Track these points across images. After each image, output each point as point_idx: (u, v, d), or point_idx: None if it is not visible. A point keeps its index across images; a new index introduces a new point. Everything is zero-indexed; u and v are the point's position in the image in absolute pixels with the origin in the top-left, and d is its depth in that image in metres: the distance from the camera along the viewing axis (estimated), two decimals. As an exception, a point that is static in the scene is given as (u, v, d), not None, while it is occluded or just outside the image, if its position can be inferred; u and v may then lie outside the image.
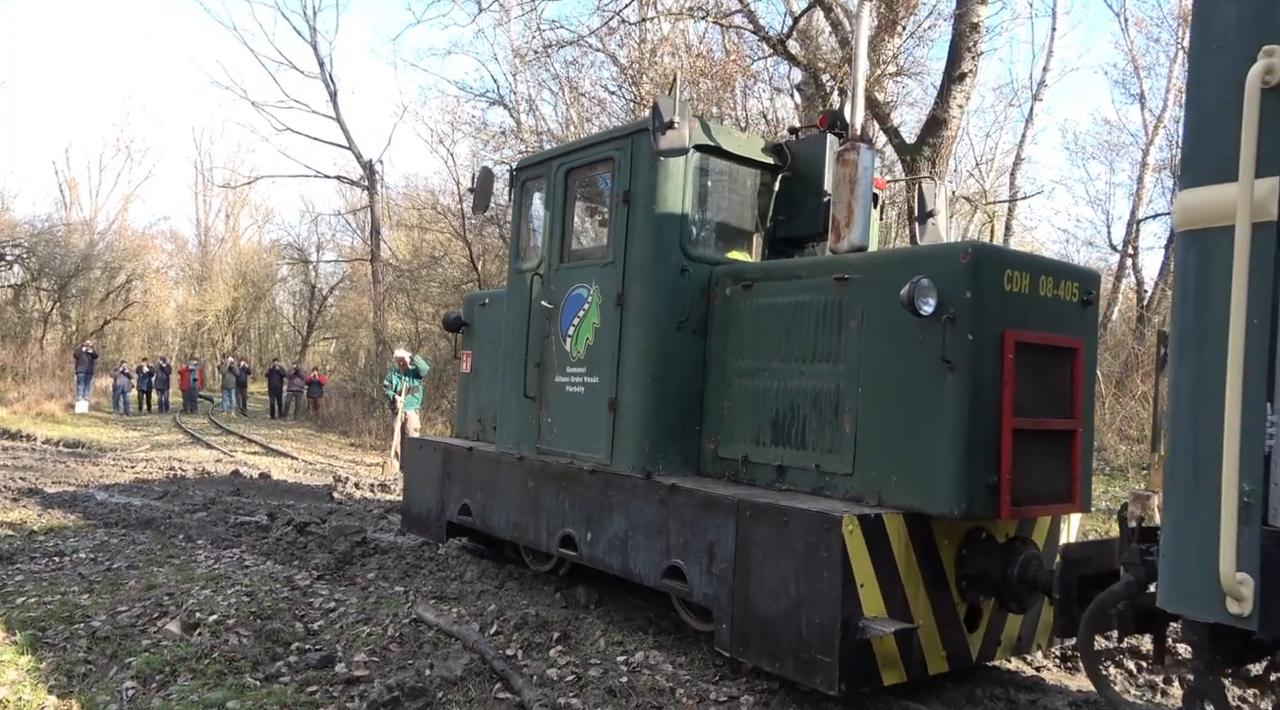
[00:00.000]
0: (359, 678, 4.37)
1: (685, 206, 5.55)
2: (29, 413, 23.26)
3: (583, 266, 6.08)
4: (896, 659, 4.27)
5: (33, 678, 4.29)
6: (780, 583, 4.41)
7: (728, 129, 5.98)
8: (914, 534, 4.37)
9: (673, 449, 5.51)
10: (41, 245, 39.02)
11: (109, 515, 8.85)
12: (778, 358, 5.18)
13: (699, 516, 4.94)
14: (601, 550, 5.64)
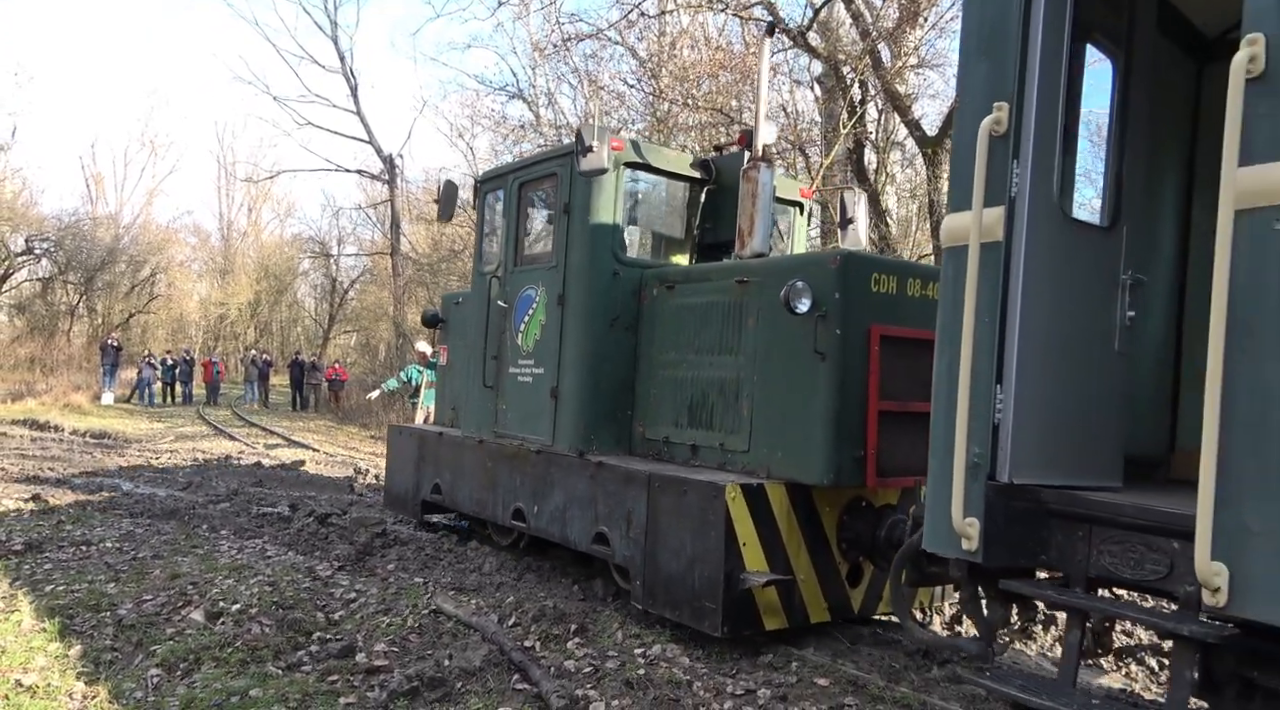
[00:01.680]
0: (379, 667, 4.43)
1: (617, 217, 6.21)
2: (57, 404, 23.55)
3: (532, 270, 6.77)
4: (778, 608, 4.94)
5: (61, 664, 4.37)
6: (680, 543, 5.09)
7: (658, 148, 6.89)
8: (796, 501, 5.01)
9: (606, 431, 6.18)
10: (69, 239, 39.57)
11: (134, 505, 8.96)
12: (693, 351, 5.83)
13: (620, 489, 5.61)
14: (545, 521, 6.35)
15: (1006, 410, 3.26)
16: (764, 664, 4.61)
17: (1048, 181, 3.35)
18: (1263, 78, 2.58)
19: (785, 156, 16.42)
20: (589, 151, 5.66)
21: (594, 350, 6.14)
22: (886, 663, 4.62)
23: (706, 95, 16.57)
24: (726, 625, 4.71)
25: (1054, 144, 3.35)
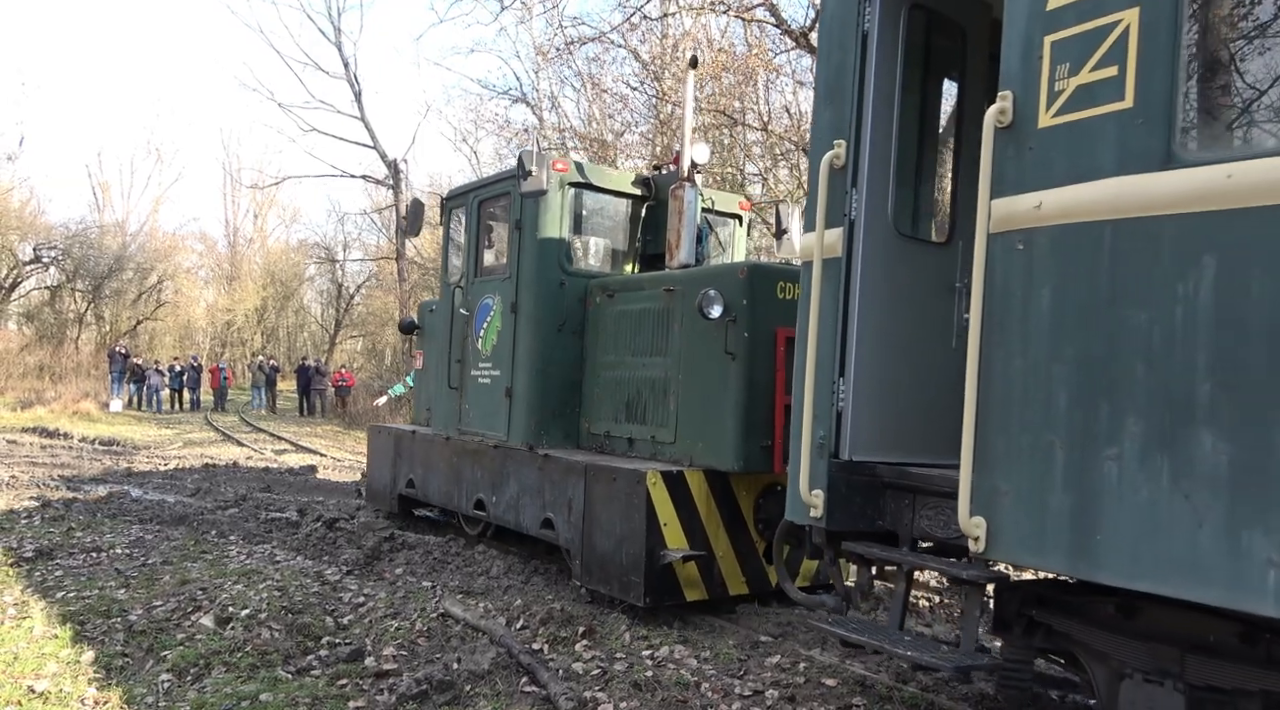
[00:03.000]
0: (388, 671, 4.48)
1: (563, 232, 6.93)
2: (65, 411, 23.94)
3: (490, 280, 7.50)
4: (698, 581, 5.60)
5: (73, 670, 4.42)
6: (611, 525, 5.73)
7: (601, 168, 7.60)
8: (714, 486, 5.65)
9: (555, 427, 6.88)
10: (76, 247, 39.84)
11: (144, 512, 9.10)
12: (629, 353, 6.50)
13: (562, 478, 6.28)
14: (503, 510, 7.04)
15: (847, 399, 3.87)
16: (772, 665, 4.69)
17: (883, 206, 3.97)
18: (1010, 128, 3.18)
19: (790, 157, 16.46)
20: (529, 175, 6.34)
21: (543, 353, 6.86)
22: (894, 663, 4.69)
23: (710, 97, 16.62)
24: (649, 596, 5.41)
25: (888, 174, 3.97)
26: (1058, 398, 2.94)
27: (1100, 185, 2.87)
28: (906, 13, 4.00)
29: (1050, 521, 2.93)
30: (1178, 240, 2.67)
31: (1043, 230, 3.05)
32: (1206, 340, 2.60)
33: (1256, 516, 2.43)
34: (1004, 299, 3.16)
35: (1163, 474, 2.65)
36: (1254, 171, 2.50)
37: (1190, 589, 2.60)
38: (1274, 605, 2.41)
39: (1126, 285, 2.79)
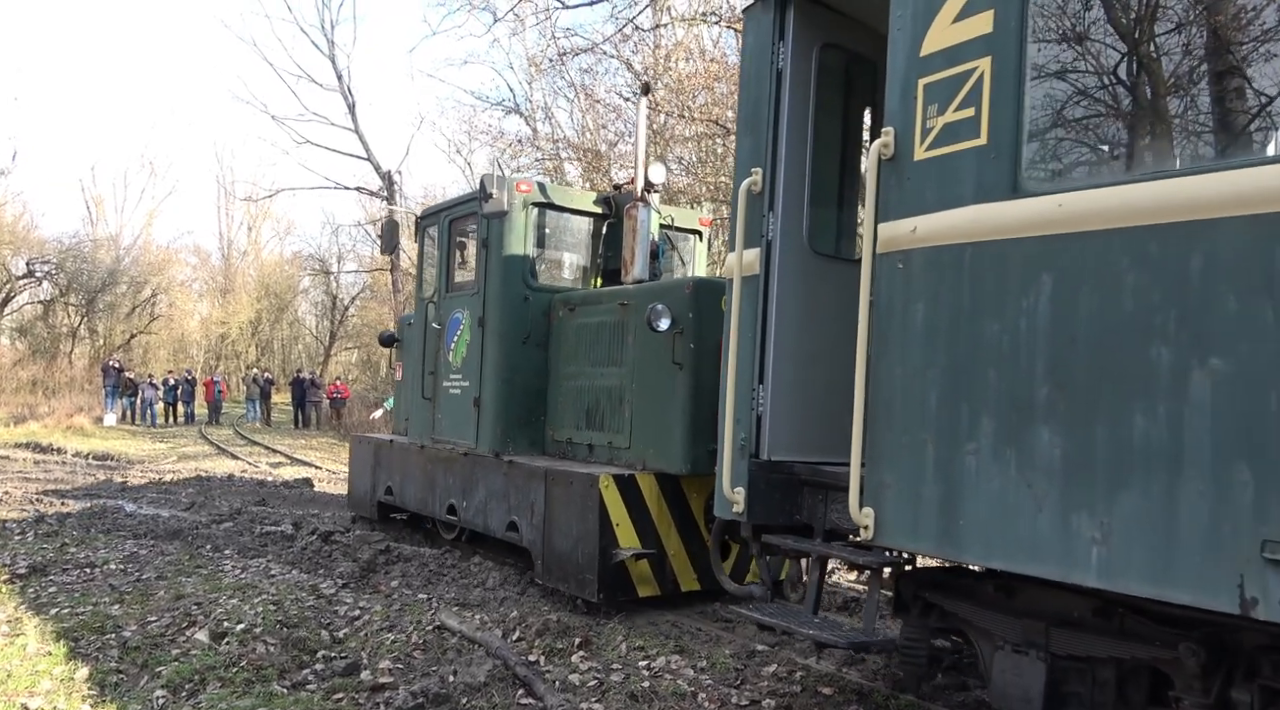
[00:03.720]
0: (384, 685, 4.48)
1: (527, 249, 7.33)
2: (59, 426, 24.15)
3: (460, 295, 7.90)
4: (650, 578, 5.96)
5: (67, 687, 4.40)
6: (568, 526, 6.10)
7: (563, 188, 8.07)
8: (665, 489, 6.01)
9: (521, 435, 7.26)
10: (69, 261, 39.85)
11: (138, 526, 9.10)
12: (589, 364, 6.90)
13: (526, 483, 6.68)
14: (472, 514, 7.44)
15: (766, 404, 4.25)
16: (768, 674, 4.72)
17: (798, 227, 4.35)
18: (893, 159, 3.54)
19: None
20: (490, 197, 6.72)
21: (508, 364, 7.25)
22: (891, 671, 4.78)
23: (702, 107, 16.71)
24: (602, 592, 5.79)
25: (803, 198, 4.34)
26: (929, 401, 3.33)
27: (961, 212, 3.27)
28: (818, 52, 4.42)
29: (923, 510, 3.32)
30: (1021, 261, 3.07)
31: (917, 252, 3.42)
32: (1044, 348, 2.98)
33: (1083, 501, 2.83)
34: (887, 313, 3.53)
35: (1010, 466, 3.05)
36: (1078, 201, 2.91)
37: (1033, 565, 3.00)
38: (1096, 577, 2.80)
39: (981, 300, 3.18)
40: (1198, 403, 2.58)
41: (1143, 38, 3.02)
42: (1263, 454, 2.43)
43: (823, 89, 4.44)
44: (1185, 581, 2.59)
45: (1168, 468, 2.63)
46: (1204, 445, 2.56)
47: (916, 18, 3.48)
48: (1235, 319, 2.52)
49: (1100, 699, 3.25)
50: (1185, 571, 2.59)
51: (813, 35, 4.42)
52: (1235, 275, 2.52)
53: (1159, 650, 3.04)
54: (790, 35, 4.33)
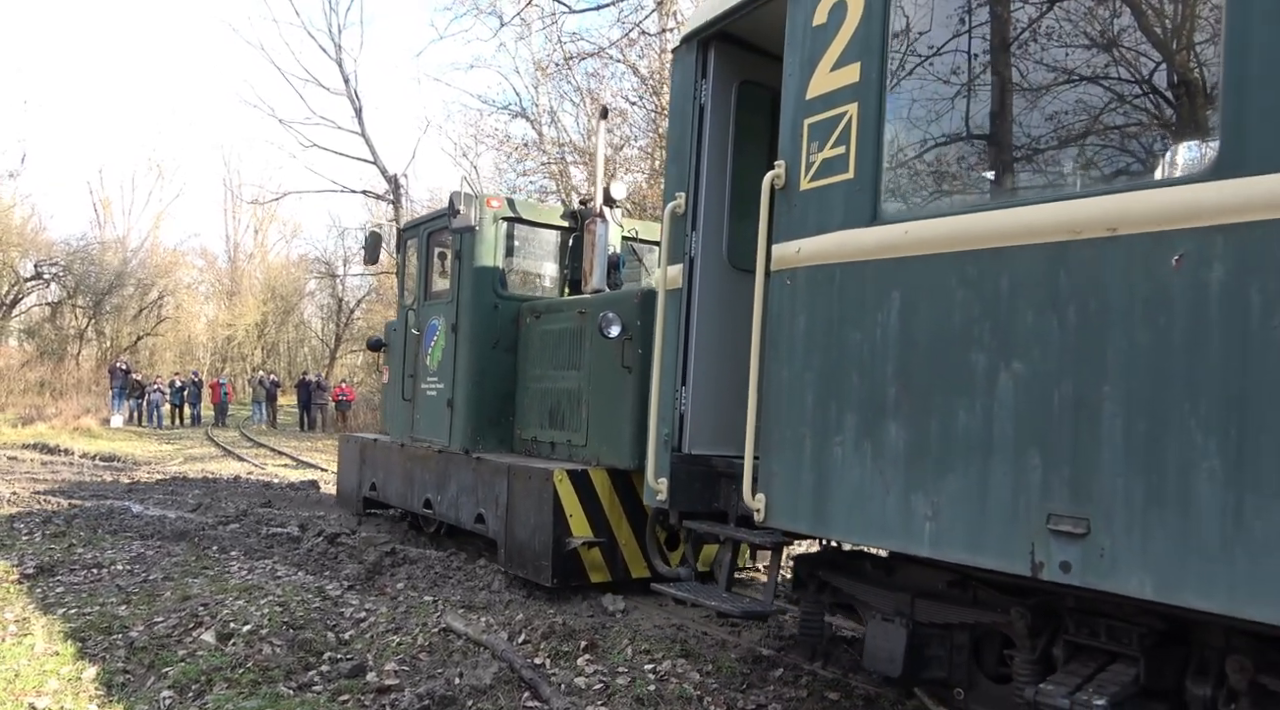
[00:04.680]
0: (390, 686, 4.51)
1: (497, 261, 7.93)
2: (66, 427, 24.60)
3: (437, 303, 8.51)
4: (602, 565, 6.48)
5: (74, 687, 4.44)
6: (527, 517, 6.66)
7: (532, 204, 8.76)
8: (617, 483, 6.52)
9: (491, 434, 7.85)
10: (77, 263, 40.09)
11: (144, 527, 9.19)
12: (551, 367, 7.45)
13: (492, 478, 7.24)
14: (446, 507, 8.04)
15: (687, 404, 4.75)
16: (775, 678, 4.77)
17: (718, 245, 4.84)
18: (784, 188, 4.02)
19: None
20: (458, 213, 7.33)
21: (478, 368, 7.82)
22: None
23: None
24: (556, 578, 6.31)
25: (723, 218, 4.84)
26: (808, 400, 3.84)
27: (833, 236, 3.78)
28: (737, 88, 4.92)
29: (801, 495, 3.84)
30: (877, 279, 3.58)
31: (801, 270, 3.93)
32: (893, 354, 3.49)
33: (919, 484, 3.34)
34: (776, 323, 4.04)
35: (867, 456, 3.56)
36: (920, 229, 3.43)
37: (882, 540, 3.53)
38: (928, 548, 3.32)
39: (847, 313, 3.69)
40: (1003, 399, 3.09)
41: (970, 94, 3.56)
42: (1048, 441, 2.95)
43: (744, 119, 4.92)
44: (992, 550, 3.10)
45: (981, 454, 3.15)
46: (1007, 435, 3.07)
47: (803, 66, 3.99)
48: (1031, 329, 3.03)
49: (957, 660, 3.79)
50: (992, 541, 3.09)
51: (732, 74, 4.91)
52: (1031, 293, 3.04)
53: (999, 616, 3.54)
54: (711, 74, 4.84)
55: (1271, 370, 2.45)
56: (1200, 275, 2.61)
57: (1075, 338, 2.90)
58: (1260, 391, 2.47)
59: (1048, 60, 3.22)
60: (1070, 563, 2.85)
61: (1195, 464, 2.59)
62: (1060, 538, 2.87)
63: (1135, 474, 2.72)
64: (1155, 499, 2.67)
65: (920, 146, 3.71)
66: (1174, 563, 2.62)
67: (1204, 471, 2.57)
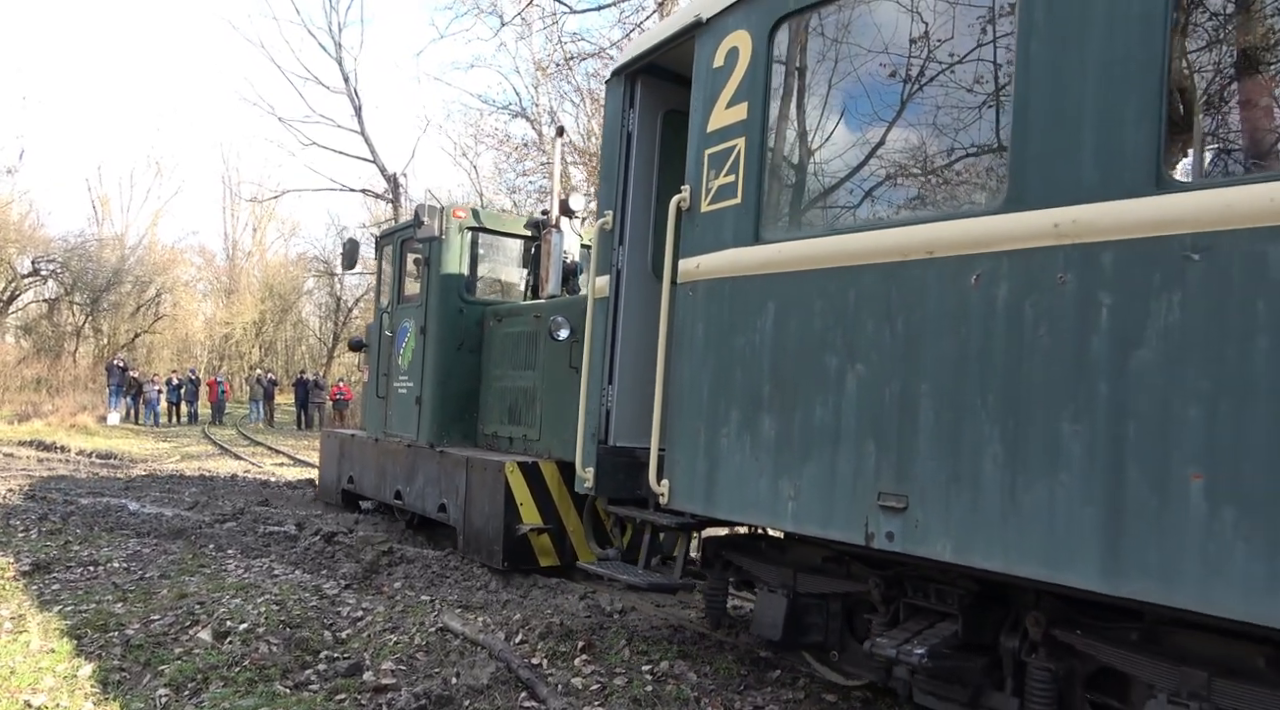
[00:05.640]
0: (386, 686, 4.52)
1: (462, 267, 8.55)
2: (63, 424, 24.78)
3: (408, 307, 9.16)
4: (551, 550, 7.05)
5: (69, 685, 4.44)
6: (482, 505, 7.26)
7: (496, 214, 9.36)
8: (566, 474, 6.95)
9: (455, 429, 8.46)
10: (75, 260, 39.93)
11: (141, 525, 9.18)
12: (511, 367, 8.05)
13: (453, 470, 7.82)
14: (413, 498, 8.63)
15: (613, 401, 5.23)
16: (772, 680, 4.83)
17: (643, 258, 5.30)
18: (689, 210, 4.53)
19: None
20: (422, 225, 7.99)
21: (445, 367, 8.35)
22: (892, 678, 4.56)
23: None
24: (507, 561, 6.88)
25: (648, 234, 5.28)
26: (703, 396, 4.37)
27: (725, 254, 4.29)
28: (663, 117, 5.41)
29: (696, 480, 4.37)
30: (757, 292, 4.10)
31: (700, 282, 4.44)
32: (767, 357, 4.00)
33: (785, 469, 3.87)
34: (680, 329, 4.57)
35: (747, 445, 4.07)
36: (790, 249, 3.96)
37: (757, 518, 4.06)
38: (791, 523, 3.83)
39: (734, 321, 4.22)
40: (849, 396, 3.63)
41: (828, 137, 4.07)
42: (881, 431, 3.49)
43: (669, 145, 5.39)
44: (838, 524, 3.63)
45: (831, 443, 3.69)
46: (851, 426, 3.61)
47: (705, 102, 4.52)
48: (871, 337, 3.56)
49: (832, 625, 4.33)
50: (838, 516, 3.63)
51: (658, 104, 5.40)
52: (871, 306, 3.57)
53: (862, 586, 4.08)
54: (638, 104, 5.33)
55: (1038, 372, 3.00)
56: (991, 292, 3.16)
57: (902, 344, 3.45)
58: (1030, 389, 3.01)
59: (883, 114, 3.82)
60: (894, 533, 3.41)
61: (984, 449, 3.14)
62: (886, 512, 3.43)
63: (942, 458, 3.27)
64: (955, 478, 3.22)
65: (792, 177, 4.28)
66: (967, 531, 3.17)
67: (989, 455, 3.12)
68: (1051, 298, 2.94)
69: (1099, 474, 2.77)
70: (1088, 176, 2.89)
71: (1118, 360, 2.75)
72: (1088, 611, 3.30)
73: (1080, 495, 2.81)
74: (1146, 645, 3.10)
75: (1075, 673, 3.37)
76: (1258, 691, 2.72)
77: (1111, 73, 2.86)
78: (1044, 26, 3.07)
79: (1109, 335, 2.78)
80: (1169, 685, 2.90)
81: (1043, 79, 3.07)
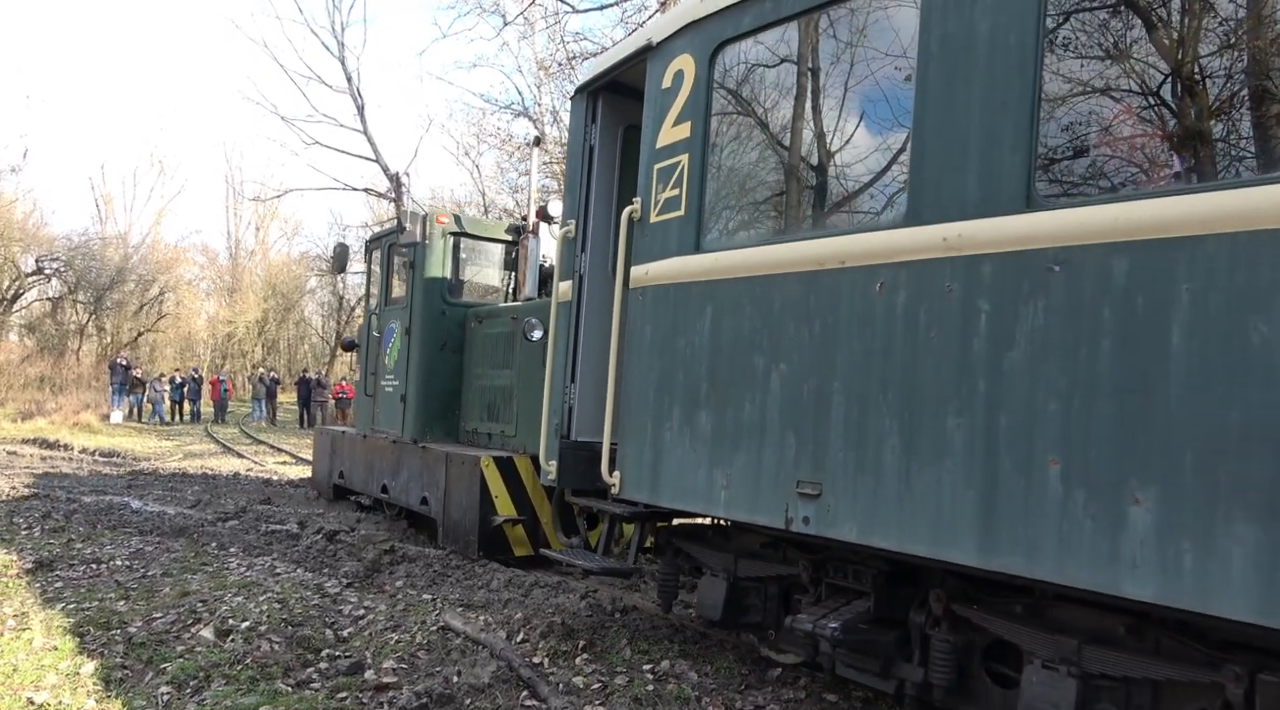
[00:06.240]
0: (388, 684, 4.59)
1: (445, 271, 9.11)
2: (66, 422, 25.06)
3: (395, 308, 9.76)
4: (525, 540, 7.57)
5: (72, 682, 4.53)
6: (460, 498, 7.77)
7: (478, 220, 10.14)
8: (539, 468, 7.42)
9: (438, 426, 9.04)
10: (78, 259, 40.46)
11: (144, 523, 9.36)
12: (490, 366, 8.48)
13: (434, 464, 8.34)
14: (398, 491, 9.22)
15: (575, 398, 5.59)
16: (773, 679, 4.87)
17: (604, 263, 5.64)
18: (640, 220, 4.94)
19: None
20: (404, 231, 8.67)
21: (428, 367, 8.88)
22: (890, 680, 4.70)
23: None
24: (482, 551, 7.33)
25: (609, 241, 5.61)
26: (650, 394, 4.76)
27: (670, 261, 4.69)
28: (623, 132, 5.77)
29: (644, 471, 4.77)
30: (697, 297, 4.49)
31: (649, 288, 4.83)
32: (705, 357, 4.40)
33: (719, 460, 4.26)
34: (631, 331, 4.96)
35: (687, 438, 4.48)
36: (726, 258, 4.35)
37: (695, 506, 4.44)
38: (723, 511, 4.24)
39: (677, 323, 4.61)
40: (774, 393, 4.02)
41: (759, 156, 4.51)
42: (800, 424, 3.88)
43: (629, 157, 5.73)
44: (764, 510, 4.02)
45: (758, 436, 4.08)
46: (775, 421, 4.00)
47: (655, 120, 4.91)
48: (793, 339, 3.95)
49: (769, 607, 4.72)
50: (763, 503, 4.02)
51: (618, 119, 5.76)
52: (793, 310, 3.96)
53: (794, 569, 4.48)
54: (599, 119, 5.71)
55: (929, 371, 3.38)
56: (892, 299, 3.56)
57: (818, 345, 3.85)
58: (923, 387, 3.40)
59: (808, 135, 4.24)
60: (809, 517, 3.80)
61: (884, 441, 3.54)
62: (804, 498, 3.82)
63: (850, 449, 3.67)
64: (860, 467, 3.62)
65: (728, 191, 4.67)
66: (870, 515, 3.57)
67: (889, 446, 3.52)
68: (941, 304, 3.33)
69: (977, 462, 3.17)
70: (972, 195, 3.29)
71: (994, 360, 3.15)
72: (984, 588, 3.66)
73: (962, 481, 3.21)
74: (1030, 618, 3.50)
75: (974, 644, 3.77)
76: (1119, 655, 3.15)
77: (992, 102, 3.26)
78: (938, 59, 3.47)
79: (987, 338, 3.18)
80: (1046, 652, 3.31)
81: (936, 106, 3.46)
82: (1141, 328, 2.76)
